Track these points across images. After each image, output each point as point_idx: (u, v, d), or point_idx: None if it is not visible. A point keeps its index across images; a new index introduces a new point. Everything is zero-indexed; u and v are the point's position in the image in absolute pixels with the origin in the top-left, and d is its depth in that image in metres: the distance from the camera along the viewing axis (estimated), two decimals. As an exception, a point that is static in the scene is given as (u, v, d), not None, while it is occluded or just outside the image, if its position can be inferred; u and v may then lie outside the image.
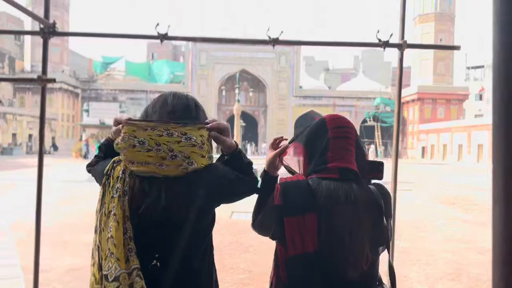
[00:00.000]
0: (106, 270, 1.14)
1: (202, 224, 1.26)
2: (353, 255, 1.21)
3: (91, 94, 47.28)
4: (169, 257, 1.19)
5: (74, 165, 23.37)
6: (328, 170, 1.26)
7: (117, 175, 1.22)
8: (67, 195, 10.74)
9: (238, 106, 13.83)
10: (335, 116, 1.38)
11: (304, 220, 1.20)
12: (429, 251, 5.73)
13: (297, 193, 1.23)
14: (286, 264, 1.23)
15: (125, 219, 1.18)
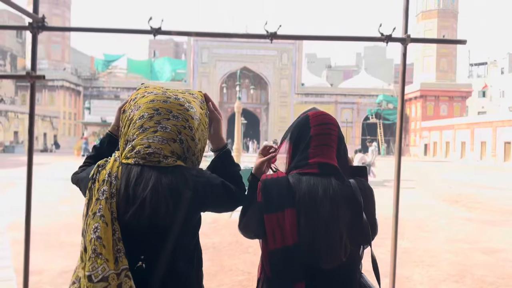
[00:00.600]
0: (90, 271, 1.12)
1: (188, 227, 1.26)
2: (331, 247, 1.24)
3: (93, 92, 47.22)
4: (155, 259, 1.20)
5: (76, 163, 23.29)
6: (308, 165, 1.30)
7: (102, 178, 1.23)
8: (68, 194, 10.65)
9: (239, 104, 13.69)
10: (319, 113, 1.40)
11: (283, 216, 1.24)
12: (432, 252, 5.61)
13: (276, 190, 1.26)
14: (268, 259, 1.26)
15: (113, 220, 1.18)
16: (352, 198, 1.28)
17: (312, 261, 1.25)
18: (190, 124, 1.30)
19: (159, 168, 1.24)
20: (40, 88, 43.14)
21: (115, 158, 1.29)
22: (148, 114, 1.27)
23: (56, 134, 42.82)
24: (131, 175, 1.23)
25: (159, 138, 1.25)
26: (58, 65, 44.71)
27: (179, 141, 1.27)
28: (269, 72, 47.68)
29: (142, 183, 1.21)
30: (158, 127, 1.25)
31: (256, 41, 47.27)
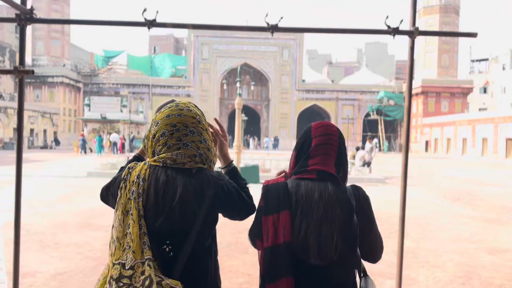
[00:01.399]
0: (124, 260, 1.31)
1: (208, 221, 1.44)
2: (322, 245, 1.34)
3: (93, 88, 47.04)
4: (180, 248, 1.38)
5: (75, 160, 23.20)
6: (307, 172, 1.43)
7: (132, 180, 1.39)
8: (66, 192, 10.54)
9: (240, 100, 13.53)
10: (321, 124, 1.52)
11: (278, 218, 1.36)
12: (436, 252, 5.47)
13: (275, 194, 1.40)
14: (262, 257, 1.38)
15: (139, 218, 1.35)
16: (345, 201, 1.39)
17: (304, 257, 1.36)
18: (204, 138, 1.49)
19: (183, 171, 1.42)
20: (40, 84, 42.98)
21: (144, 162, 1.47)
22: (168, 131, 1.44)
23: (56, 131, 42.67)
24: (159, 178, 1.40)
25: (182, 155, 1.43)
26: (57, 61, 44.47)
27: (199, 155, 1.46)
28: (270, 68, 47.48)
29: (170, 193, 1.38)
30: (180, 144, 1.43)
31: (257, 37, 47.08)
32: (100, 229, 6.38)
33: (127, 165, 1.55)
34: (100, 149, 27.58)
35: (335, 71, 69.68)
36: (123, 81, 47.03)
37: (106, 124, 31.81)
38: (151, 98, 46.34)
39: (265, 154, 25.98)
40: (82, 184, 12.26)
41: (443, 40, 46.17)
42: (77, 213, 7.64)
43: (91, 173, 14.25)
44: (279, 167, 15.96)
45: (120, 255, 1.33)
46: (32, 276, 4.13)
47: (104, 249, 5.23)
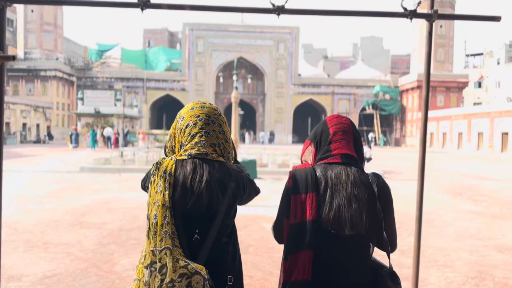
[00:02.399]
0: (153, 247, 1.43)
1: (230, 210, 1.56)
2: (353, 217, 1.45)
3: (87, 82, 46.43)
4: (206, 234, 1.49)
5: (68, 155, 22.82)
6: (332, 156, 1.56)
7: (160, 175, 1.50)
8: (57, 187, 10.23)
9: (236, 94, 13.25)
10: (333, 116, 1.67)
11: (306, 198, 1.49)
12: (444, 250, 5.25)
13: (303, 177, 1.53)
14: (288, 232, 1.51)
15: (164, 208, 1.44)
16: (368, 185, 1.52)
17: (338, 230, 1.46)
18: (223, 129, 1.63)
19: (207, 161, 1.53)
20: (32, 78, 42.34)
21: (171, 157, 1.56)
22: (192, 122, 1.57)
23: (50, 125, 42.10)
24: (186, 168, 1.51)
25: (204, 142, 1.55)
26: (50, 54, 43.81)
27: (218, 145, 1.58)
28: (266, 62, 47.10)
29: (197, 178, 1.49)
30: (203, 132, 1.56)
31: (252, 30, 46.65)
32: (93, 227, 6.10)
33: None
34: (93, 143, 27.17)
35: (331, 65, 69.34)
36: (117, 75, 46.44)
37: (99, 118, 31.31)
38: (145, 92, 45.84)
39: (261, 148, 25.72)
40: (75, 179, 11.95)
41: (438, 34, 45.99)
42: (69, 210, 7.35)
43: (84, 168, 13.94)
44: (276, 162, 15.72)
45: (151, 243, 1.44)
46: (17, 280, 3.85)
47: (96, 249, 4.97)
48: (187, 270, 1.37)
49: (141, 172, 13.85)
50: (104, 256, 4.70)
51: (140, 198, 8.80)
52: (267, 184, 11.49)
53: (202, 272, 1.38)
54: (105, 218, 6.74)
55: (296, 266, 1.47)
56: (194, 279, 1.37)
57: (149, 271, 1.41)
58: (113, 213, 7.21)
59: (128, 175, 13.28)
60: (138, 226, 6.18)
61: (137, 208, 7.63)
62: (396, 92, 49.00)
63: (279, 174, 13.90)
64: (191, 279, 1.37)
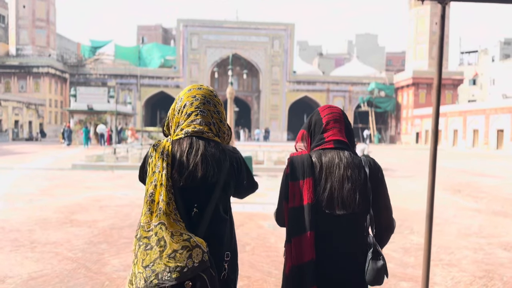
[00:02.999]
0: (145, 223, 1.50)
1: (225, 188, 1.61)
2: (345, 197, 1.57)
3: (80, 79, 45.88)
4: (205, 208, 1.56)
5: (61, 152, 22.48)
6: (325, 142, 1.67)
7: (157, 156, 1.56)
8: (48, 185, 9.97)
9: (231, 89, 13.03)
10: (326, 106, 1.77)
11: (303, 183, 1.59)
12: (448, 248, 5.07)
13: (300, 164, 1.62)
14: (288, 215, 1.63)
15: (162, 187, 1.50)
16: (361, 167, 1.63)
17: (331, 209, 1.58)
18: (218, 109, 1.69)
19: (203, 139, 1.60)
20: (25, 75, 41.76)
21: (167, 139, 1.62)
22: (189, 101, 1.64)
23: (42, 122, 41.58)
24: (183, 144, 1.58)
25: (200, 121, 1.62)
26: (43, 51, 43.22)
27: (213, 124, 1.65)
28: (261, 59, 46.81)
29: (193, 152, 1.56)
30: (198, 111, 1.63)
31: (247, 26, 46.35)
32: (83, 225, 5.87)
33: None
34: (86, 141, 26.81)
35: (326, 62, 69.17)
36: (111, 72, 45.96)
37: (92, 116, 30.91)
38: (139, 89, 45.42)
39: (256, 145, 25.50)
40: (66, 176, 11.67)
41: (433, 31, 45.95)
42: (59, 208, 7.10)
43: (76, 166, 13.66)
44: (272, 159, 15.52)
45: (144, 219, 1.51)
46: (0, 282, 3.62)
47: (86, 248, 4.74)
48: (189, 243, 1.45)
49: (134, 169, 13.58)
50: (94, 256, 4.47)
51: (132, 195, 8.57)
52: (263, 181, 11.29)
53: (202, 246, 1.47)
54: (97, 216, 6.50)
55: (301, 248, 1.58)
56: (194, 251, 1.45)
57: (138, 245, 1.50)
58: (104, 211, 6.97)
59: (121, 172, 13.01)
60: (130, 224, 5.95)
61: (129, 206, 7.40)
62: (391, 89, 48.94)
63: (275, 171, 13.70)
64: (192, 252, 1.45)
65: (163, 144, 1.59)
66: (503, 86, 55.83)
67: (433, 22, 46.00)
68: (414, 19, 47.21)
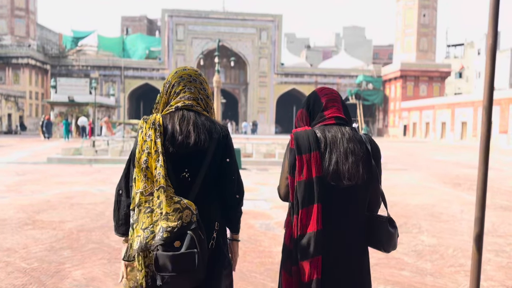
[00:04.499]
0: (142, 189, 1.54)
1: (215, 156, 1.65)
2: (351, 168, 1.61)
3: (62, 70, 44.42)
4: (197, 173, 1.61)
5: (39, 145, 21.45)
6: (326, 119, 1.72)
7: (148, 126, 1.59)
8: (16, 180, 9.12)
9: (218, 78, 12.30)
10: (322, 87, 1.84)
11: (310, 157, 1.62)
12: (465, 251, 4.45)
13: (306, 138, 1.65)
14: (296, 188, 1.63)
15: (156, 153, 1.54)
16: (362, 142, 1.68)
17: (337, 181, 1.61)
18: (204, 86, 1.75)
19: (194, 111, 1.67)
20: (3, 66, 40.19)
21: (156, 113, 1.68)
22: (177, 82, 1.71)
23: (22, 115, 40.16)
24: (174, 116, 1.63)
25: (188, 96, 1.68)
26: (22, 41, 41.67)
27: (200, 99, 1.71)
28: (248, 51, 45.95)
29: (185, 120, 1.62)
30: (186, 89, 1.69)
31: (234, 17, 45.41)
32: (47, 227, 5.10)
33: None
34: (67, 133, 25.73)
35: (313, 55, 68.55)
36: (94, 63, 44.61)
37: (74, 108, 29.80)
38: (123, 80, 44.20)
39: (244, 138, 24.78)
40: (39, 171, 10.81)
41: (422, 24, 45.67)
42: (23, 207, 6.31)
43: (51, 159, 12.77)
44: (260, 151, 14.84)
45: (139, 186, 1.54)
46: None
47: (45, 257, 3.99)
48: (179, 205, 1.51)
49: (115, 163, 12.76)
50: (52, 266, 3.73)
51: (109, 191, 7.80)
52: (252, 175, 10.59)
53: (191, 208, 1.52)
54: (65, 216, 5.74)
55: (310, 219, 1.61)
56: (184, 213, 1.50)
57: (138, 210, 1.54)
58: (75, 209, 6.20)
59: (100, 166, 12.18)
60: (101, 226, 5.20)
61: (104, 203, 6.64)
62: (379, 81, 48.62)
63: (265, 164, 13.02)
64: (182, 213, 1.50)
65: (154, 117, 1.62)
66: (490, 79, 55.93)
67: (421, 14, 45.67)
68: (402, 11, 46.83)
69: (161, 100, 1.71)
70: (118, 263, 3.82)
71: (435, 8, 46.73)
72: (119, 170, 10.44)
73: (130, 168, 1.64)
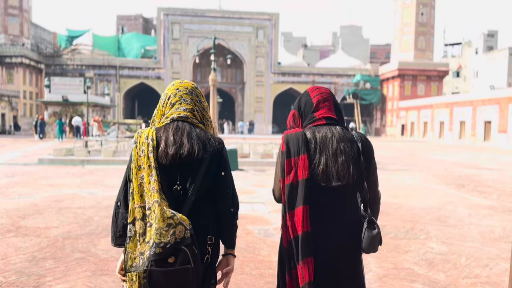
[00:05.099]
0: (143, 203, 1.54)
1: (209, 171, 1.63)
2: (339, 170, 1.60)
3: (56, 69, 43.89)
4: (189, 186, 1.59)
5: (32, 146, 21.05)
6: (317, 119, 1.71)
7: (142, 141, 1.60)
8: (4, 182, 8.76)
9: (214, 76, 11.96)
10: (315, 87, 1.82)
11: (299, 159, 1.62)
12: (479, 259, 4.15)
13: (295, 141, 1.65)
14: (285, 190, 1.65)
15: (150, 169, 1.55)
16: (353, 141, 1.67)
17: (327, 182, 1.60)
18: (200, 99, 1.74)
19: (189, 123, 1.66)
20: (-6, 65, 39.68)
21: (150, 127, 1.67)
22: (173, 93, 1.70)
23: (16, 115, 39.62)
24: (169, 128, 1.62)
25: (184, 108, 1.67)
26: (16, 40, 41.14)
27: (196, 111, 1.70)
28: (245, 50, 45.56)
29: (179, 131, 1.61)
30: (182, 100, 1.68)
31: (231, 16, 45.03)
32: (31, 234, 4.77)
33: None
34: (61, 133, 25.30)
35: (311, 54, 68.26)
36: (88, 62, 44.08)
37: (68, 107, 29.37)
38: (118, 80, 43.72)
39: (241, 138, 24.46)
40: (29, 173, 10.45)
41: (420, 22, 45.46)
42: (8, 212, 5.96)
43: (42, 160, 12.40)
44: (258, 152, 14.52)
45: (139, 200, 1.55)
46: None
47: (25, 269, 3.66)
48: (172, 220, 1.48)
49: (108, 164, 12.42)
50: (31, 279, 3.39)
51: (100, 194, 7.46)
52: (249, 176, 10.27)
53: (185, 223, 1.50)
54: (51, 221, 5.40)
55: (297, 221, 1.61)
56: (178, 228, 1.48)
57: (143, 223, 1.54)
58: (63, 214, 5.86)
59: (92, 167, 11.82)
60: (89, 232, 4.87)
61: (94, 208, 6.30)
62: (377, 81, 48.38)
63: (262, 165, 12.70)
64: (176, 229, 1.48)
65: (147, 131, 1.64)
66: (487, 78, 55.91)
67: (419, 12, 45.47)
68: (399, 10, 46.60)
69: (157, 113, 1.71)
70: (104, 276, 3.50)
71: (433, 7, 46.54)
72: (112, 172, 10.05)
73: (127, 182, 1.64)
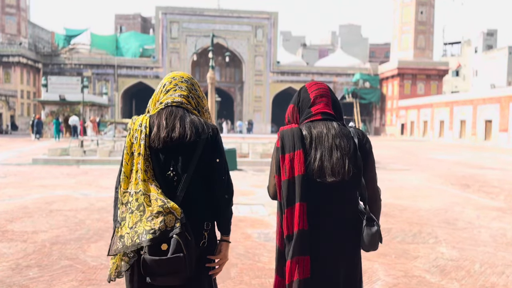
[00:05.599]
0: (130, 189, 1.56)
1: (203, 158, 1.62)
2: (334, 166, 1.58)
3: (54, 69, 43.56)
4: (183, 172, 1.58)
5: (29, 146, 20.75)
6: (313, 115, 1.69)
7: (135, 128, 1.61)
8: (-4, 183, 8.49)
9: (213, 74, 11.70)
10: (312, 83, 1.80)
11: (294, 155, 1.60)
12: (494, 266, 3.89)
13: (290, 137, 1.63)
14: (281, 187, 1.62)
15: (140, 156, 1.56)
16: (349, 137, 1.64)
17: (321, 178, 1.58)
18: (195, 88, 1.75)
19: (183, 108, 1.66)
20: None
21: (144, 114, 1.68)
22: (168, 81, 1.72)
23: (13, 115, 39.32)
24: (162, 113, 1.62)
25: (178, 94, 1.69)
26: (13, 39, 40.82)
27: (191, 97, 1.71)
28: (243, 49, 45.27)
29: (172, 115, 1.61)
30: (176, 87, 1.70)
31: (229, 15, 44.75)
32: (17, 239, 4.50)
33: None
34: (57, 133, 24.99)
35: (310, 53, 68.00)
36: (86, 61, 43.76)
37: (65, 106, 29.06)
38: (116, 79, 43.41)
39: (240, 138, 24.19)
40: (23, 173, 10.17)
41: (419, 21, 45.22)
42: (-5, 214, 5.69)
43: (37, 160, 12.12)
44: (257, 151, 14.26)
45: (127, 186, 1.57)
46: None
47: (6, 277, 3.39)
48: (162, 209, 1.49)
49: (103, 164, 12.14)
50: (12, 291, 3.13)
51: (93, 196, 7.19)
52: (248, 177, 10.01)
53: (176, 213, 1.49)
54: (40, 225, 5.13)
55: (293, 219, 1.58)
56: (168, 217, 1.48)
57: (126, 208, 1.57)
58: (53, 217, 5.59)
59: (87, 167, 11.54)
60: (79, 237, 4.60)
61: (86, 210, 6.03)
62: (376, 80, 48.15)
63: (262, 165, 12.44)
64: (166, 217, 1.49)
65: (141, 118, 1.65)
66: (486, 77, 55.71)
67: (419, 11, 45.22)
68: (399, 9, 46.35)
69: (152, 101, 1.72)
70: (91, 286, 3.24)
71: (433, 5, 46.30)
72: (107, 172, 9.74)
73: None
